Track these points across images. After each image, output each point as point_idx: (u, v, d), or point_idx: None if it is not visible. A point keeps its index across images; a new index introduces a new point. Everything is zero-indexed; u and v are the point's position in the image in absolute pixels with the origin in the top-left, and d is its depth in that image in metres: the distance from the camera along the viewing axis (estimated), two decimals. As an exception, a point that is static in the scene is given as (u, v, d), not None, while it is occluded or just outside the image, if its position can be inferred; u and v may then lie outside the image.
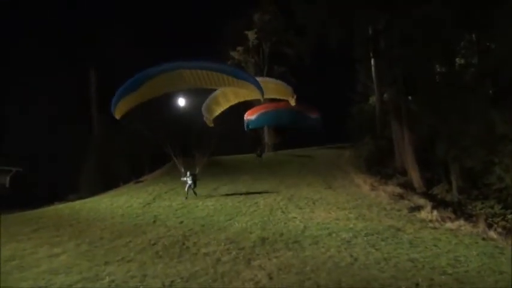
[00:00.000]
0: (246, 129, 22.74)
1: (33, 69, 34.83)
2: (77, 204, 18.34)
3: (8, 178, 37.31)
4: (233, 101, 16.68)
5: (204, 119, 16.88)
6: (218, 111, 16.95)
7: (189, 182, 16.56)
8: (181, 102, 20.46)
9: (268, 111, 21.13)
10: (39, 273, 7.94)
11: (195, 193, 16.63)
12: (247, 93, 14.97)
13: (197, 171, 16.97)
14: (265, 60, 38.55)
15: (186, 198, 16.37)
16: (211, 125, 17.05)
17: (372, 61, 25.73)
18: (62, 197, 26.31)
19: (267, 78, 18.50)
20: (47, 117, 35.05)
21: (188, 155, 19.25)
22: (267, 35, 37.77)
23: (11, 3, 36.11)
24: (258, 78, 14.68)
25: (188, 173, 16.66)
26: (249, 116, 21.94)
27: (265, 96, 15.29)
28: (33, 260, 9.01)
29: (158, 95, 13.37)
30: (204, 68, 12.43)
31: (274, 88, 17.63)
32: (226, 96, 16.44)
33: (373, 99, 27.62)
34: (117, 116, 13.64)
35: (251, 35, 37.21)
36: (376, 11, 18.55)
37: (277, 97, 18.91)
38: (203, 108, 16.78)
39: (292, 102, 18.04)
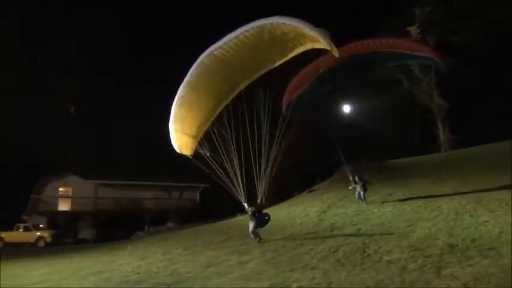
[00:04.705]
0: (288, 109, 13.95)
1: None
2: (258, 214, 19.62)
3: (198, 193, 42.28)
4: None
5: (176, 146, 12.14)
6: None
7: (358, 189, 16.03)
8: (347, 108, 20.39)
9: (344, 62, 12.27)
10: (233, 279, 8.62)
11: (365, 200, 16.00)
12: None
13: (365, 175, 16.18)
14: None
15: (366, 203, 15.89)
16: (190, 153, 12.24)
17: None
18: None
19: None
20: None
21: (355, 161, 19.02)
22: (430, 27, 35.27)
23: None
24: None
25: (356, 179, 16.13)
26: (299, 88, 13.86)
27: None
28: (227, 266, 9.89)
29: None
30: None
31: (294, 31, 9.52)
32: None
33: None
34: None
35: (413, 30, 35.15)
36: None
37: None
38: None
39: (335, 52, 9.36)
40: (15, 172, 38.91)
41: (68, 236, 34.15)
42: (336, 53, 9.34)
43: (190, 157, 12.26)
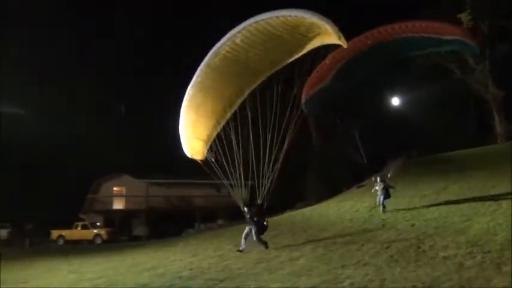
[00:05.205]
0: (312, 110, 14.05)
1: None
2: (307, 211, 19.57)
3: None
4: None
5: (187, 151, 11.83)
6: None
7: (379, 192, 14.73)
8: (395, 101, 19.88)
9: (364, 52, 11.57)
10: (284, 275, 8.61)
11: (383, 207, 14.45)
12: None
13: (389, 175, 15.04)
14: (486, 41, 34.01)
15: (384, 212, 14.40)
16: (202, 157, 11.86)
17: None
18: (291, 206, 28.50)
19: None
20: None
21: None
22: (482, 13, 33.48)
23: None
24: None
25: (378, 179, 14.90)
26: (320, 84, 12.86)
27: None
28: (278, 262, 9.92)
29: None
30: None
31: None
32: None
33: None
34: None
35: (464, 17, 33.47)
36: None
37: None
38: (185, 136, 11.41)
39: (343, 43, 8.92)
40: (73, 173, 40.81)
41: (122, 233, 35.43)
42: (344, 43, 8.93)
43: (201, 162, 11.85)
